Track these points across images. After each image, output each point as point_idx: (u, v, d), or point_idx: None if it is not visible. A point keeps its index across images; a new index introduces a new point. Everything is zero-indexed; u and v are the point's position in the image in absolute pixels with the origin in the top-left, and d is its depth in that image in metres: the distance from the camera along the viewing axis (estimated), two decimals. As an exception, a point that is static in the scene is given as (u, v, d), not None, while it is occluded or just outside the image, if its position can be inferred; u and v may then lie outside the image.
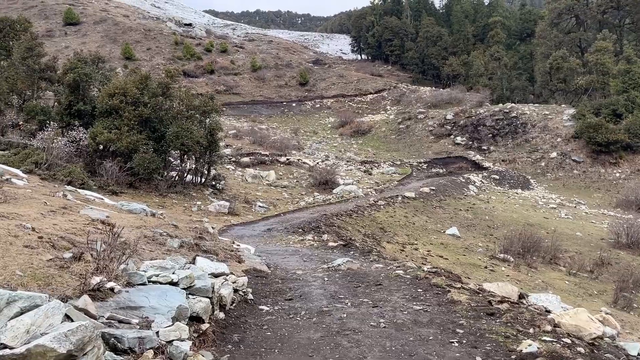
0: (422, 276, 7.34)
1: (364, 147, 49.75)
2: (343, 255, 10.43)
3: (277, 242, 14.07)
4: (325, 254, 10.89)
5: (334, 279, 7.58)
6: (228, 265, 7.84)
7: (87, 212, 8.26)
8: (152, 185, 24.57)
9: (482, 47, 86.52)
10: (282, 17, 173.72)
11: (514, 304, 5.88)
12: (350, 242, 11.57)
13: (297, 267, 8.88)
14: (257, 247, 12.77)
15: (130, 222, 8.54)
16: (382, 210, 27.56)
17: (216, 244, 8.80)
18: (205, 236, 9.53)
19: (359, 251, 10.54)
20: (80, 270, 4.14)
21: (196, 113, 26.64)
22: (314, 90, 69.41)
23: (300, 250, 11.65)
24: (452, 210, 30.73)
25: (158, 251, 7.57)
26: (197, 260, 6.13)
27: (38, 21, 72.11)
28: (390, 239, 23.51)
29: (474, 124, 50.56)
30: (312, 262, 9.51)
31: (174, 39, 73.84)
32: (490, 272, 22.38)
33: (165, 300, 4.13)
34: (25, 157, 21.13)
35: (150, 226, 8.57)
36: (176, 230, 8.86)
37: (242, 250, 9.36)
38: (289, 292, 6.98)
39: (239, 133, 43.34)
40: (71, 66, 26.03)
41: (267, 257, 10.56)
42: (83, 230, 6.95)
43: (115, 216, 8.94)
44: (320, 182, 32.18)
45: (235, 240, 14.41)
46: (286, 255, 10.82)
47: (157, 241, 7.93)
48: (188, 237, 8.64)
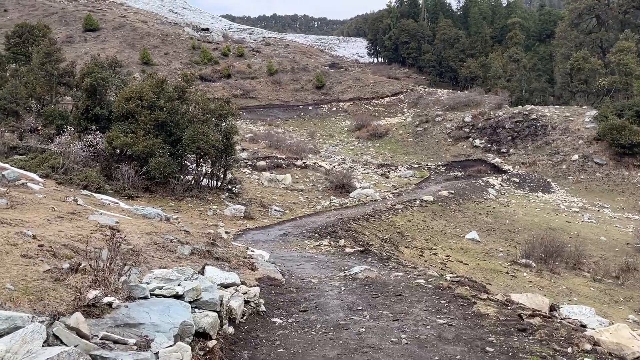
0: (444, 286, 6.88)
1: (380, 150, 49.22)
2: (360, 262, 10.00)
3: (293, 247, 13.69)
4: (342, 260, 10.47)
5: (352, 289, 7.16)
6: (240, 274, 7.48)
7: (96, 217, 7.99)
8: (168, 190, 24.42)
9: (500, 48, 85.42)
10: (298, 21, 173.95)
11: (546, 318, 5.40)
12: (367, 249, 11.13)
13: (312, 275, 8.49)
14: (272, 252, 12.40)
15: (141, 228, 8.24)
16: (400, 214, 27.04)
17: (229, 251, 8.45)
18: (217, 242, 9.19)
19: (377, 258, 10.10)
20: (76, 283, 3.81)
21: (212, 117, 26.47)
22: (330, 93, 69.07)
23: (316, 257, 11.25)
24: (472, 214, 30.07)
25: (168, 259, 7.24)
26: (206, 270, 5.78)
27: (58, 27, 73.09)
28: (409, 244, 23.00)
29: (492, 126, 49.68)
30: (329, 270, 9.11)
31: (192, 43, 74.17)
32: (512, 278, 21.73)
33: (168, 316, 3.77)
34: (42, 161, 21.11)
35: (161, 232, 8.26)
36: (188, 237, 8.54)
37: (255, 257, 8.99)
38: (304, 303, 6.57)
39: (255, 137, 43.17)
40: (88, 71, 26.06)
41: (281, 264, 10.18)
42: (90, 237, 6.64)
43: (126, 222, 8.66)
44: (337, 186, 31.77)
45: (249, 246, 14.08)
46: (301, 262, 10.43)
47: (167, 248, 7.60)
48: (200, 243, 8.31)
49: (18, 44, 34.50)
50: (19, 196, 8.72)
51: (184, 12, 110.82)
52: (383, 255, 10.34)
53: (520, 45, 76.43)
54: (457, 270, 21.28)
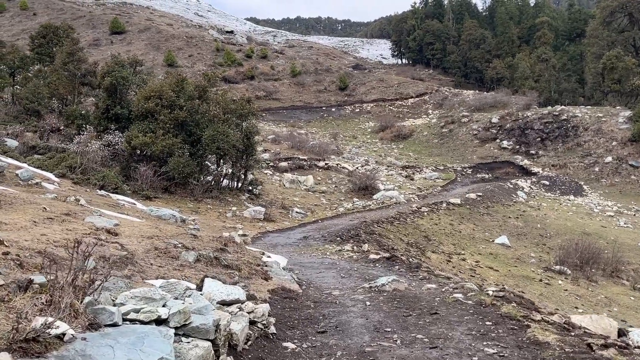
0: (487, 302, 5.80)
1: (405, 152, 47.91)
2: (387, 270, 8.96)
3: (313, 252, 12.70)
4: (366, 268, 9.43)
5: (378, 304, 6.11)
6: (251, 284, 6.51)
7: (93, 219, 7.14)
8: (188, 190, 23.70)
9: (527, 49, 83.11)
10: (322, 24, 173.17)
11: (622, 349, 4.30)
12: (394, 255, 10.07)
13: (333, 286, 7.48)
14: (290, 258, 11.43)
15: (143, 231, 7.36)
16: (426, 217, 25.81)
17: (240, 257, 7.50)
18: (229, 247, 8.25)
19: (405, 266, 9.05)
20: (24, 306, 2.91)
21: (233, 116, 25.68)
22: (353, 94, 67.97)
23: (337, 263, 10.24)
24: (501, 218, 28.62)
25: (169, 266, 6.31)
26: (205, 283, 4.84)
27: (86, 31, 73.78)
28: (436, 249, 21.79)
29: (521, 127, 47.91)
30: (351, 279, 8.09)
31: (216, 45, 73.98)
32: (546, 286, 20.34)
33: (139, 352, 2.80)
34: (60, 161, 20.61)
35: (165, 236, 7.36)
36: (194, 241, 7.62)
37: (271, 263, 8.02)
38: (323, 322, 5.54)
39: (277, 138, 42.37)
40: (108, 70, 25.56)
41: (299, 271, 9.21)
42: (77, 242, 5.73)
43: (128, 224, 7.79)
44: (360, 188, 30.68)
45: (267, 250, 13.11)
46: (321, 269, 9.43)
47: (169, 254, 6.69)
48: (207, 249, 7.38)
49: (42, 45, 34.41)
50: (9, 195, 7.93)
51: (208, 15, 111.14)
52: (412, 264, 9.25)
53: (548, 44, 74.12)
54: (488, 277, 20.00)
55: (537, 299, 18.67)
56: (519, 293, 6.87)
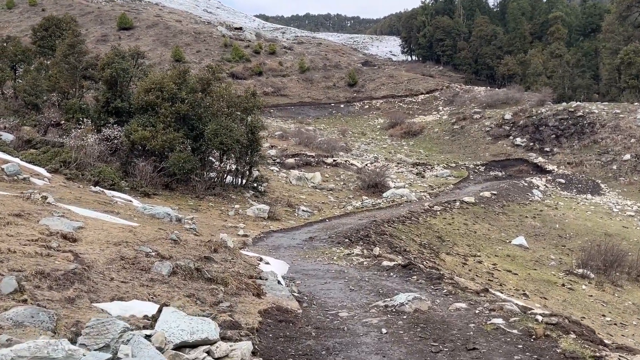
0: (539, 333, 4.45)
1: (415, 149, 46.39)
2: (403, 281, 7.62)
3: (319, 256, 11.36)
4: (378, 277, 8.09)
5: (397, 331, 4.77)
6: (239, 304, 5.18)
7: (50, 221, 5.86)
8: (190, 187, 22.44)
9: (540, 45, 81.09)
10: (331, 20, 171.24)
11: None
12: (411, 263, 8.71)
13: (340, 302, 6.16)
14: (292, 263, 10.10)
15: (112, 235, 6.06)
16: (439, 216, 24.38)
17: (228, 268, 6.17)
18: (216, 255, 6.93)
19: (424, 276, 7.69)
20: None
21: (237, 110, 24.39)
22: (362, 91, 66.44)
23: (346, 271, 8.90)
24: (517, 217, 27.11)
25: (135, 282, 4.99)
26: (161, 317, 3.52)
27: (94, 26, 72.91)
28: (450, 250, 20.37)
29: (535, 124, 46.16)
30: (362, 293, 6.76)
31: (224, 41, 72.77)
32: (570, 292, 18.86)
33: None
34: (54, 155, 19.43)
35: (138, 241, 6.05)
36: (174, 248, 6.31)
37: (267, 273, 6.70)
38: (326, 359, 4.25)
39: (284, 134, 41.04)
40: (108, 61, 24.35)
41: (302, 281, 7.89)
42: (14, 251, 4.44)
43: (97, 226, 6.49)
44: (369, 185, 29.29)
45: (267, 254, 11.79)
46: (327, 279, 8.11)
47: (138, 265, 5.37)
48: (189, 257, 6.07)
49: (45, 38, 33.29)
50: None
51: (218, 11, 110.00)
52: (432, 274, 7.87)
53: (562, 40, 72.07)
54: (507, 282, 18.55)
55: (561, 306, 17.22)
56: (575, 319, 5.47)
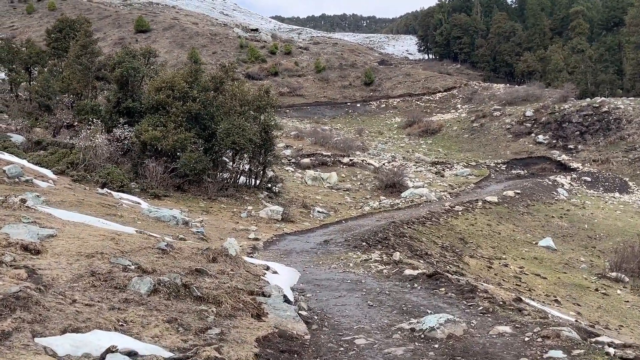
0: (613, 372, 3.47)
1: (433, 148, 45.06)
2: (429, 294, 6.55)
3: (333, 262, 10.34)
4: (401, 290, 7.04)
5: (428, 367, 3.79)
6: (233, 329, 4.23)
7: (13, 229, 4.96)
8: (202, 188, 21.60)
9: (560, 41, 78.87)
10: (347, 21, 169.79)
11: None
12: (437, 272, 7.63)
13: (357, 323, 5.14)
14: (304, 271, 9.10)
15: (87, 245, 5.14)
16: (461, 217, 23.16)
17: (224, 283, 5.19)
18: (214, 265, 5.96)
19: (453, 288, 6.62)
20: None
21: (250, 109, 23.50)
22: (379, 90, 65.22)
23: (363, 281, 7.86)
24: (543, 217, 25.73)
25: (103, 305, 4.05)
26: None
27: (112, 30, 72.99)
28: (473, 253, 19.16)
29: (557, 120, 44.48)
30: (383, 310, 5.73)
31: (239, 42, 72.22)
32: (604, 297, 17.50)
33: None
34: (62, 156, 18.77)
35: (116, 252, 5.12)
36: (161, 259, 5.35)
37: (270, 288, 5.71)
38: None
39: (300, 133, 40.11)
40: (119, 60, 23.67)
41: (313, 294, 6.90)
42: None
43: (74, 233, 5.58)
44: (387, 185, 28.16)
45: (277, 259, 10.81)
46: (342, 291, 7.08)
47: (111, 283, 4.43)
48: (177, 270, 5.11)
49: (59, 39, 32.88)
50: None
51: (234, 13, 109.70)
52: (463, 285, 6.77)
53: (583, 35, 69.88)
54: (535, 286, 17.29)
55: (597, 313, 15.89)
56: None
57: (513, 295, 11.06)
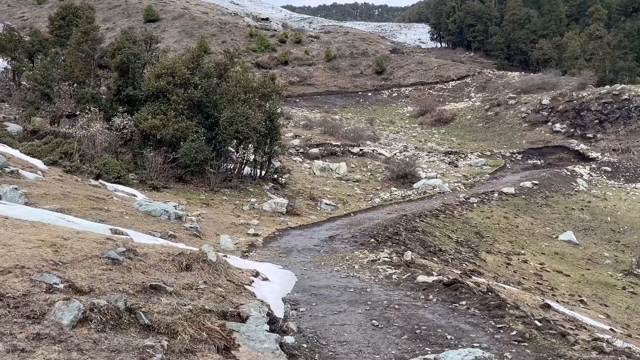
0: None
1: (446, 137, 43.51)
2: (448, 309, 5.35)
3: (337, 262, 9.15)
4: (413, 303, 5.82)
5: None
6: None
7: None
8: (205, 180, 20.50)
9: (577, 27, 76.20)
10: (358, 9, 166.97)
11: None
12: (456, 280, 6.40)
13: (356, 356, 3.96)
14: (302, 275, 7.93)
15: (10, 255, 3.99)
16: (476, 209, 21.84)
17: (185, 304, 4.02)
18: (186, 274, 4.80)
19: (476, 301, 5.40)
20: None
21: (255, 96, 22.28)
22: (390, 78, 63.50)
23: (369, 290, 6.66)
24: (563, 210, 24.27)
25: (1, 344, 2.82)
26: None
27: (121, 19, 72.00)
28: (490, 248, 17.87)
29: (575, 108, 42.61)
30: (391, 334, 4.55)
31: (249, 31, 70.82)
32: (632, 296, 16.15)
33: None
34: (56, 146, 17.75)
35: (48, 264, 3.97)
36: (107, 273, 4.18)
37: (249, 307, 4.53)
38: None
39: (309, 123, 38.81)
40: (118, 46, 22.56)
41: (307, 308, 5.74)
42: None
43: (1, 238, 4.42)
44: (398, 176, 26.86)
45: (276, 258, 9.64)
46: (343, 304, 5.90)
47: (25, 310, 3.29)
48: (126, 287, 3.96)
49: (62, 27, 31.83)
50: None
51: (244, 3, 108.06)
52: (488, 299, 5.49)
53: (602, 21, 67.28)
54: (558, 285, 15.96)
55: (625, 314, 14.54)
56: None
57: (539, 299, 9.75)
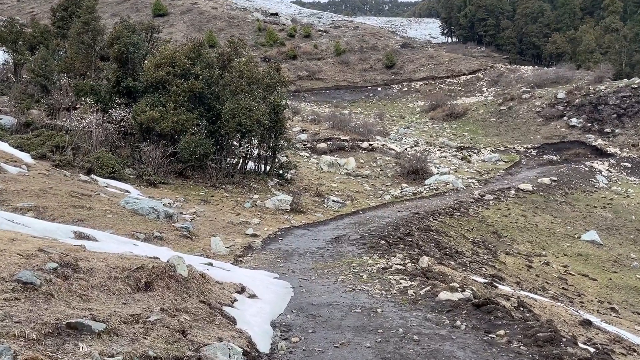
0: None
1: (458, 132, 41.96)
2: (482, 342, 4.06)
3: (342, 270, 7.87)
4: (436, 333, 4.47)
5: None
6: None
7: None
8: (207, 175, 19.27)
9: (591, 20, 74.01)
10: (368, 5, 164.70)
11: None
12: (489, 300, 5.09)
13: None
14: (299, 288, 6.65)
15: None
16: (492, 207, 20.42)
17: (109, 356, 2.76)
18: (140, 299, 3.56)
19: (518, 331, 4.12)
20: None
21: (259, 88, 21.00)
22: (401, 73, 61.92)
23: (380, 311, 5.35)
24: (584, 208, 22.75)
25: None
26: None
27: (130, 14, 70.93)
28: (509, 249, 16.46)
29: (592, 102, 40.83)
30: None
31: (257, 25, 69.56)
32: (666, 303, 14.66)
33: None
34: (47, 139, 16.62)
35: None
36: (7, 305, 2.92)
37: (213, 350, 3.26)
38: None
39: (317, 117, 37.49)
40: (117, 35, 21.37)
41: (301, 339, 4.49)
42: None
43: None
44: (409, 171, 25.48)
45: (274, 263, 8.38)
46: (347, 332, 4.60)
47: None
48: (27, 328, 2.70)
49: (64, 18, 30.73)
50: None
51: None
52: (534, 330, 4.17)
53: (617, 14, 65.08)
54: (585, 290, 14.53)
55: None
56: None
57: (575, 313, 8.40)
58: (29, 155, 14.81)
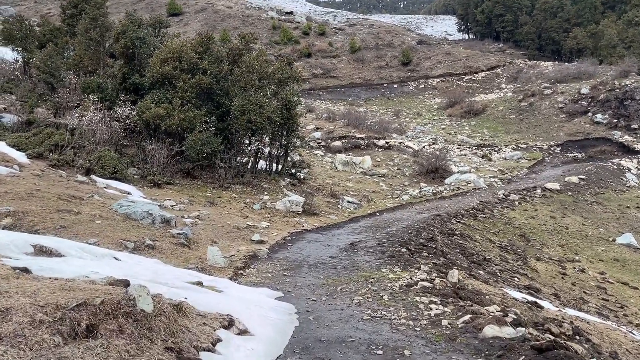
0: None
1: (478, 129, 40.31)
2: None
3: (359, 288, 6.63)
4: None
5: None
6: None
7: None
8: (216, 175, 18.17)
9: (613, 14, 71.38)
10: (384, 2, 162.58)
11: None
12: (556, 343, 3.88)
13: None
14: (306, 313, 5.43)
15: None
16: (518, 207, 18.94)
17: None
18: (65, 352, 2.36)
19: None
20: None
21: (270, 83, 19.81)
22: (417, 70, 60.26)
23: (409, 354, 4.06)
24: (616, 208, 21.12)
25: None
26: None
27: (145, 14, 70.43)
28: (539, 254, 15.00)
29: (618, 98, 38.83)
30: None
31: (272, 23, 68.48)
32: None
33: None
34: (45, 138, 15.66)
35: None
36: None
37: None
38: None
39: (332, 115, 36.21)
40: (123, 29, 20.39)
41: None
42: None
43: None
44: (428, 170, 24.09)
45: (280, 276, 7.18)
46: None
47: None
48: None
49: (74, 15, 29.99)
50: None
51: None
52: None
53: (641, 7, 62.44)
54: (627, 301, 13.03)
55: None
56: None
57: (636, 337, 7.03)
58: (25, 155, 13.82)
